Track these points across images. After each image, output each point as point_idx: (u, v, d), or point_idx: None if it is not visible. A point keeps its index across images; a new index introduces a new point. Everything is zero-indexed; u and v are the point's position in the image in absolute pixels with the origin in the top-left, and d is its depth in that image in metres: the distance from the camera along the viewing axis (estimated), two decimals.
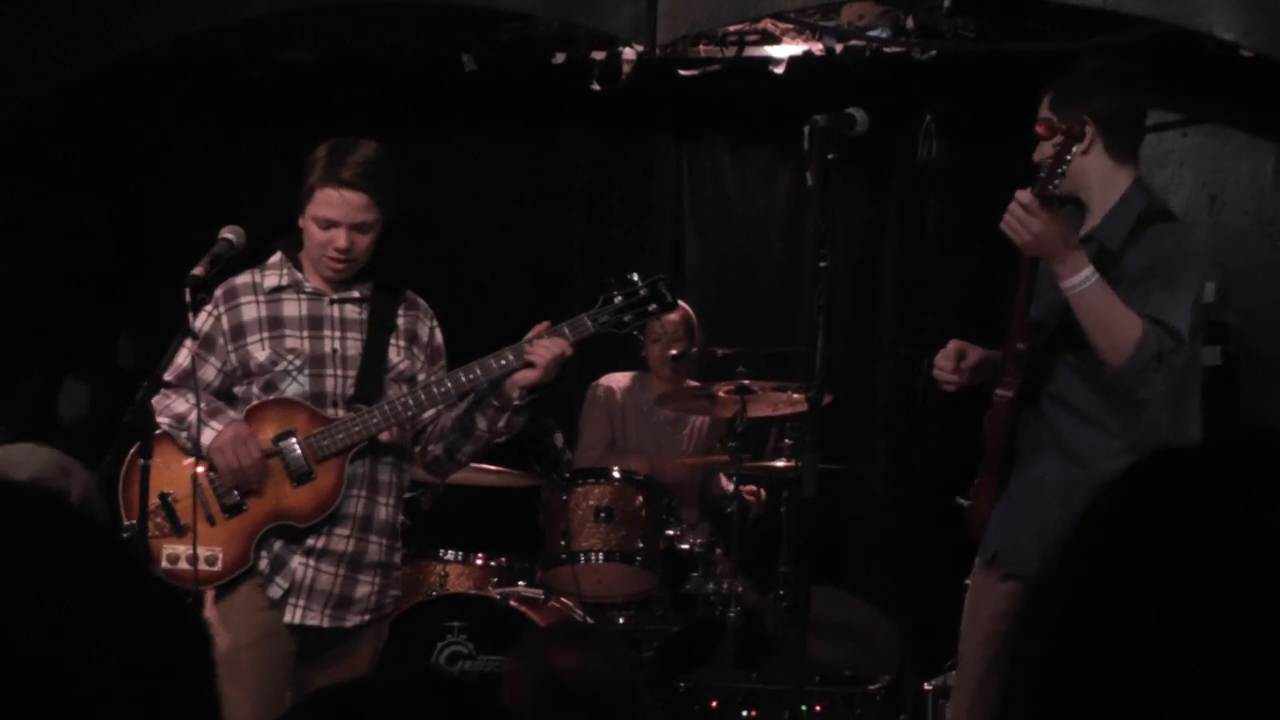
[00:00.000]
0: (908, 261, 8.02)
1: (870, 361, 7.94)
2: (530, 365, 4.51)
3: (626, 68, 7.75)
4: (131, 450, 4.45)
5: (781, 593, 6.51)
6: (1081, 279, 4.15)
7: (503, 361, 4.52)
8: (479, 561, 6.42)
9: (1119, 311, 4.17)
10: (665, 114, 8.24)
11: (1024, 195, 4.19)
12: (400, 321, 4.68)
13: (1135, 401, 4.32)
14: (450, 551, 6.39)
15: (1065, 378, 4.41)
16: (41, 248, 7.58)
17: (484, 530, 6.84)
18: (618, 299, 4.63)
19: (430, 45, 7.75)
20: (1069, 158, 4.24)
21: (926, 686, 6.09)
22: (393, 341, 4.64)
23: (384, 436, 4.58)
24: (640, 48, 7.25)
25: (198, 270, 4.33)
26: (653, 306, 4.67)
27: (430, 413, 4.66)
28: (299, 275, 4.63)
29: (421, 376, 4.65)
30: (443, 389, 4.55)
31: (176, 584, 4.41)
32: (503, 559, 6.47)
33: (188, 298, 4.29)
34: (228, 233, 4.42)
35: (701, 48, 7.69)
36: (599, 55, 7.73)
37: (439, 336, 4.79)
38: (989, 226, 4.43)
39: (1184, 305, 4.29)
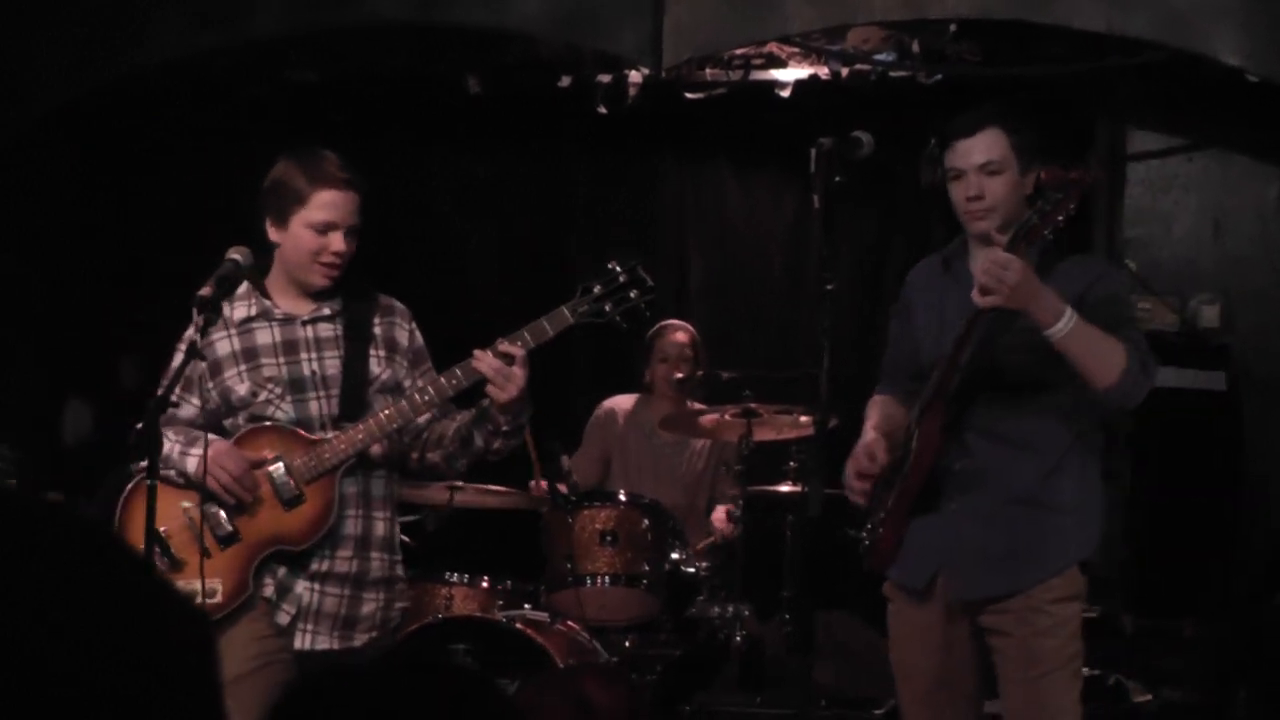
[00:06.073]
0: None
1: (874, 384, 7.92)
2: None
3: (632, 91, 7.76)
4: (135, 472, 4.43)
5: (786, 616, 6.49)
6: (1066, 320, 4.19)
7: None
8: (484, 584, 6.40)
9: (1102, 340, 4.23)
10: (670, 137, 8.25)
11: (997, 253, 4.19)
12: (377, 330, 4.59)
13: (1055, 425, 4.40)
14: (456, 574, 6.37)
15: (991, 411, 4.43)
16: (45, 266, 7.58)
17: (490, 553, 6.82)
18: (596, 289, 4.53)
19: (435, 67, 7.76)
20: (1072, 208, 4.23)
21: None
22: (372, 353, 4.56)
23: (375, 450, 4.51)
24: (646, 71, 7.27)
25: (205, 291, 4.30)
26: (634, 293, 4.55)
27: (423, 420, 4.59)
28: (267, 303, 4.54)
29: (406, 383, 4.57)
30: (426, 397, 4.45)
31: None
32: (508, 582, 6.44)
33: (196, 318, 4.29)
34: (234, 253, 4.37)
35: (707, 71, 7.71)
36: (605, 78, 7.74)
37: (419, 338, 4.69)
38: None
39: (1134, 320, 4.52)
